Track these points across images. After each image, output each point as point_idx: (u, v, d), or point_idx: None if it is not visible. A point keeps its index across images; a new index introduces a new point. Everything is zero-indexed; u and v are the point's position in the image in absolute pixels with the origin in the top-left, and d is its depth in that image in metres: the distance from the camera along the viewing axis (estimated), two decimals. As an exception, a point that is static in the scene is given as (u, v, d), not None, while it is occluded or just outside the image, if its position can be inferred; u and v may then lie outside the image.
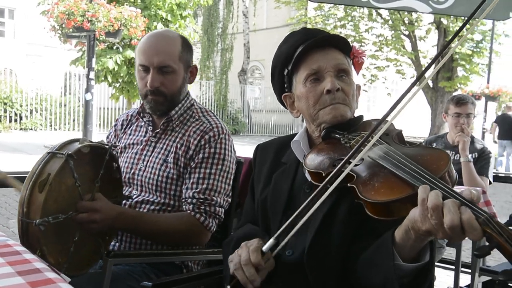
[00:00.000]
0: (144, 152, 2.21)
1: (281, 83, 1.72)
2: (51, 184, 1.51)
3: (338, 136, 1.54)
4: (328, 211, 1.44)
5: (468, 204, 1.06)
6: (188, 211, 2.05)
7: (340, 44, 1.64)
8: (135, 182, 2.18)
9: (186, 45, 2.19)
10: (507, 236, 0.97)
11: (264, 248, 1.36)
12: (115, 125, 2.43)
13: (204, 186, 2.06)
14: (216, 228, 2.21)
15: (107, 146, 1.80)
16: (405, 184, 1.19)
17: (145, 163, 2.18)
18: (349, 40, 21.62)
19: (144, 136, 2.26)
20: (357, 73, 1.67)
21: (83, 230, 1.71)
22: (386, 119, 1.36)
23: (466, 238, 1.07)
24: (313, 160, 1.51)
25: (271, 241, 1.35)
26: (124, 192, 2.20)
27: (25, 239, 1.50)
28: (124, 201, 2.11)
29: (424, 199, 1.10)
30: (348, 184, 1.32)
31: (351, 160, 1.34)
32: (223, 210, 2.12)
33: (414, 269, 1.21)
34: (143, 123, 2.29)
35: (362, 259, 1.34)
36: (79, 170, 1.62)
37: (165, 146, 2.16)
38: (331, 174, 1.33)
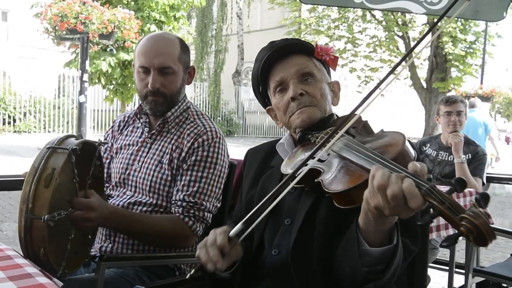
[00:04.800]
0: (140, 153, 2.21)
1: (262, 99, 1.79)
2: (57, 179, 1.47)
3: (309, 136, 1.59)
4: (310, 210, 1.47)
5: (411, 177, 1.09)
6: (177, 214, 2.05)
7: (301, 48, 1.68)
8: (130, 183, 2.18)
9: (184, 47, 2.21)
10: (449, 203, 1.00)
11: (231, 233, 1.36)
12: (112, 126, 2.43)
13: (195, 189, 2.06)
14: (210, 231, 2.21)
15: (96, 143, 1.79)
16: (363, 170, 1.23)
17: (140, 163, 2.18)
18: (343, 41, 21.67)
19: (140, 137, 2.26)
20: (334, 70, 1.72)
21: (76, 227, 1.68)
22: (354, 114, 1.39)
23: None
24: (288, 164, 1.56)
25: (238, 225, 1.35)
26: (117, 193, 2.20)
27: (29, 237, 1.44)
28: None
29: (373, 177, 1.13)
30: (315, 180, 1.36)
31: (315, 156, 1.39)
32: (211, 215, 2.12)
33: (383, 253, 1.24)
34: (139, 124, 2.30)
35: (338, 250, 1.37)
36: (77, 166, 1.59)
37: (160, 147, 2.17)
38: (294, 169, 1.38)
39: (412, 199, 1.05)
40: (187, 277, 1.42)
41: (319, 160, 1.40)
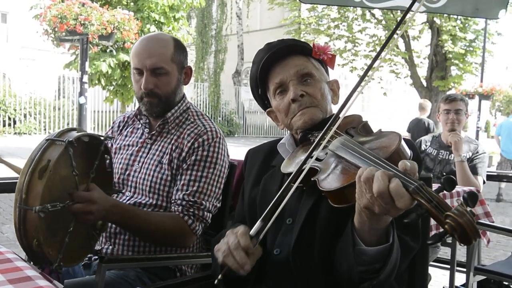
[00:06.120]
0: (140, 154, 2.21)
1: (262, 101, 1.79)
2: (51, 171, 1.48)
3: (309, 136, 1.59)
4: (311, 209, 1.47)
5: (400, 175, 1.10)
6: (177, 213, 2.04)
7: (299, 49, 1.68)
8: (129, 183, 2.18)
9: (179, 47, 2.20)
10: (436, 202, 1.02)
11: (252, 232, 1.36)
12: (112, 127, 2.43)
13: (195, 188, 2.06)
14: (210, 231, 2.21)
15: (102, 138, 1.79)
16: (357, 169, 1.24)
17: (140, 164, 2.18)
18: (343, 40, 21.59)
19: (140, 138, 2.26)
20: (332, 68, 1.72)
21: (77, 220, 1.68)
22: (339, 115, 1.41)
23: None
24: (287, 164, 1.57)
25: (257, 224, 1.35)
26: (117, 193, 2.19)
27: (22, 228, 1.45)
28: (114, 195, 2.09)
29: (360, 176, 1.15)
30: (312, 178, 1.37)
31: (312, 156, 1.40)
32: (210, 215, 2.12)
33: (380, 252, 1.25)
34: (139, 125, 2.30)
35: (336, 249, 1.38)
36: (76, 159, 1.59)
37: (160, 148, 2.17)
38: (294, 171, 1.39)
39: (399, 199, 1.07)
40: (216, 282, 1.37)
41: (317, 159, 1.41)
